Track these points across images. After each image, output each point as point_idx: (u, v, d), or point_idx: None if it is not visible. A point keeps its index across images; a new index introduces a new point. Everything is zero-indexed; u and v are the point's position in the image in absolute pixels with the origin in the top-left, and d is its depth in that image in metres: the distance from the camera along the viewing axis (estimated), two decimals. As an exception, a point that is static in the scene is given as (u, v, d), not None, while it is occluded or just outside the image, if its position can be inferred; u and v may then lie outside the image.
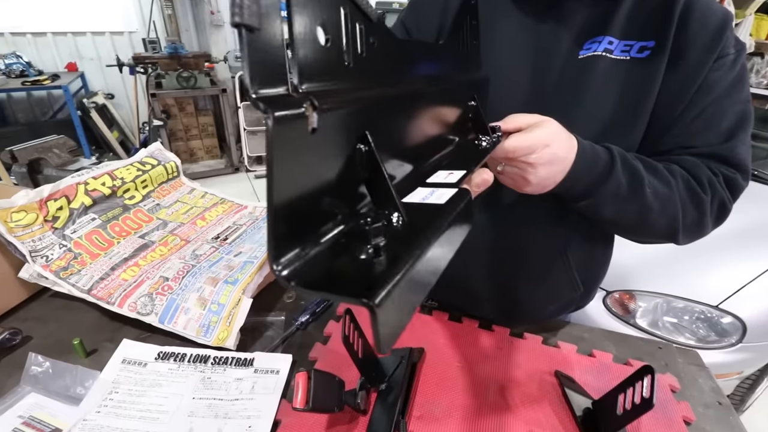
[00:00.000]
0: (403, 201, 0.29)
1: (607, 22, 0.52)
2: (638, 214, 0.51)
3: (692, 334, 1.32)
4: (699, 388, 0.62)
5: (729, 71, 0.51)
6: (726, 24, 0.50)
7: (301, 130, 0.20)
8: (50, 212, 0.71)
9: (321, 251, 0.22)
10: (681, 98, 0.52)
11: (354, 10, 0.24)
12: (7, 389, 0.57)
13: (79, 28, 3.26)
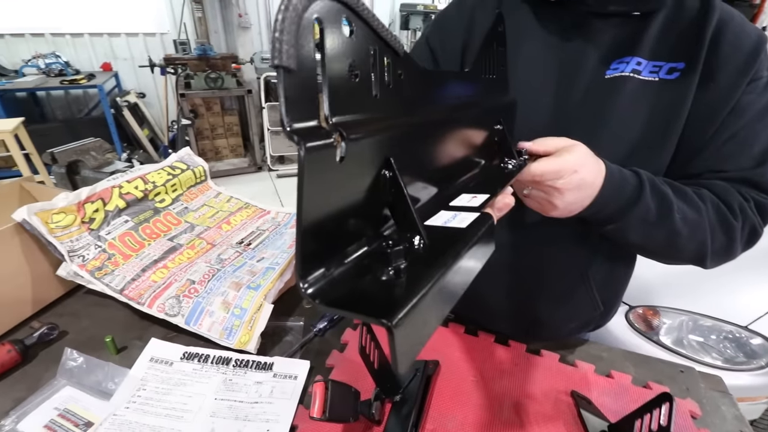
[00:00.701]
0: (426, 224, 0.30)
1: (636, 42, 0.51)
2: (666, 239, 0.51)
3: (719, 354, 1.27)
4: (721, 416, 0.60)
5: (762, 94, 0.50)
6: (760, 46, 0.49)
7: (330, 159, 0.21)
8: (87, 214, 0.75)
9: (345, 271, 0.24)
10: (712, 121, 0.51)
11: (383, 47, 0.26)
12: (44, 381, 0.60)
13: (115, 29, 3.39)
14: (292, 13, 0.18)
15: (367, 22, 0.23)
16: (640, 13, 0.50)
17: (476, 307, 0.69)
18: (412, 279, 0.23)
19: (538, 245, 0.61)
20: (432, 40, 0.64)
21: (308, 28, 0.19)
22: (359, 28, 0.23)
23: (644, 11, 0.50)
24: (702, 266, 0.55)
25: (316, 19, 0.19)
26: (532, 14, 0.56)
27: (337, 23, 0.21)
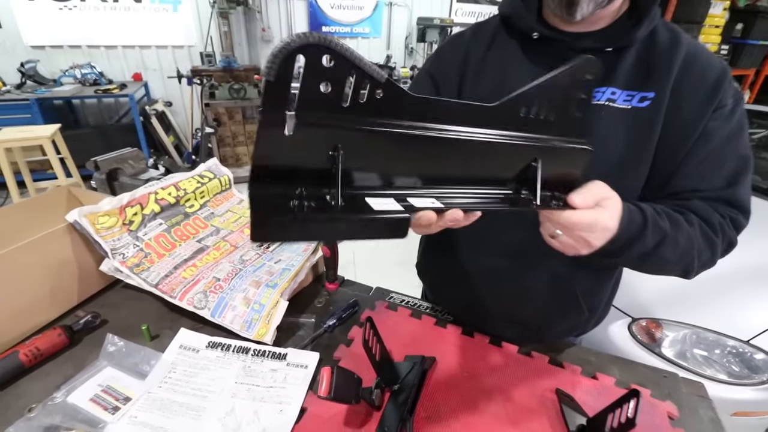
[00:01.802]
0: (367, 200, 0.39)
1: (610, 73, 0.57)
2: (656, 265, 0.56)
3: (723, 368, 1.29)
4: (698, 418, 0.65)
5: (727, 120, 0.55)
6: (723, 77, 0.55)
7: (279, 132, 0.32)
8: (127, 217, 0.85)
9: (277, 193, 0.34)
10: (682, 145, 0.56)
11: (361, 75, 0.34)
12: (89, 362, 0.69)
13: (146, 42, 3.60)
14: (285, 48, 0.28)
15: (345, 57, 0.32)
16: (613, 49, 0.57)
17: (473, 310, 0.76)
18: (305, 214, 0.35)
19: (529, 258, 0.67)
20: (433, 71, 0.71)
21: (292, 58, 0.29)
22: (338, 61, 0.31)
23: (617, 47, 0.57)
24: (685, 278, 0.60)
25: (299, 51, 0.29)
26: (519, 49, 0.63)
27: (318, 56, 0.30)
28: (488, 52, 0.65)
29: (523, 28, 0.61)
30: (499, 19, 0.66)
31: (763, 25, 4.88)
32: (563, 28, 0.60)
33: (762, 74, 5.39)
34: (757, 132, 2.98)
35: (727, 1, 4.49)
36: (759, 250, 1.59)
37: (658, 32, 0.57)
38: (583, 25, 0.58)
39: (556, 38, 0.59)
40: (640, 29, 0.55)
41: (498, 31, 0.66)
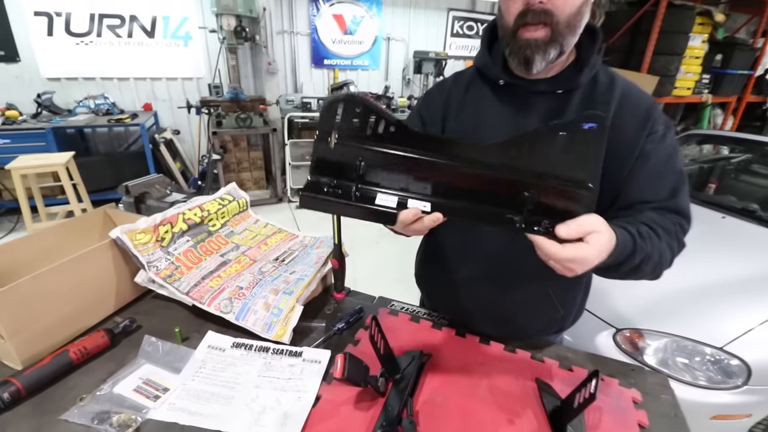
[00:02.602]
0: (378, 194, 0.59)
1: (562, 110, 0.72)
2: (635, 276, 0.68)
3: (702, 374, 1.38)
4: (659, 402, 0.75)
5: (661, 143, 0.69)
6: (652, 108, 0.70)
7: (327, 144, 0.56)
8: (160, 234, 0.96)
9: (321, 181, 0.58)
10: (624, 164, 0.70)
11: (378, 117, 0.54)
12: (128, 360, 0.79)
13: (157, 74, 3.81)
14: (334, 100, 0.52)
15: (368, 107, 0.54)
16: (563, 91, 0.71)
17: (463, 312, 0.87)
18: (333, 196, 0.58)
19: (508, 266, 0.79)
20: (422, 111, 0.86)
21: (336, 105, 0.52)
22: (364, 108, 0.53)
23: (566, 89, 0.71)
24: (654, 280, 0.72)
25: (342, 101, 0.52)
26: (490, 91, 0.77)
27: (352, 105, 0.53)
28: (466, 95, 0.80)
29: (492, 77, 0.77)
30: (474, 69, 0.81)
31: (741, 55, 5.19)
32: (523, 76, 0.74)
33: (743, 101, 5.67)
34: (735, 156, 3.16)
35: (705, 33, 4.80)
36: (731, 264, 1.71)
37: (599, 76, 0.72)
38: (539, 73, 0.72)
39: (518, 84, 0.74)
40: (582, 75, 0.70)
41: (473, 79, 0.81)
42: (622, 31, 4.62)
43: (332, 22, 4.27)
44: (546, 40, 0.65)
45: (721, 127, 5.69)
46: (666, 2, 4.18)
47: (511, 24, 0.67)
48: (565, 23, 0.65)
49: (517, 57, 0.69)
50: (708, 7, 4.92)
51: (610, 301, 1.58)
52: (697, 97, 5.12)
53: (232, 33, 3.26)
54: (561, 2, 0.63)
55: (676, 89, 4.83)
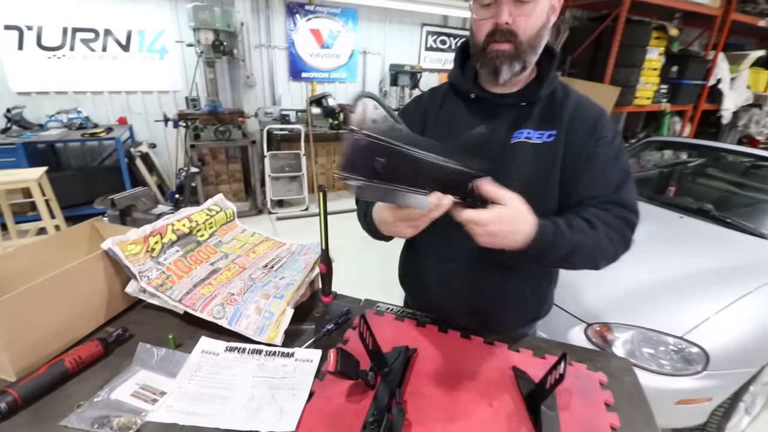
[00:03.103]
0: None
1: (526, 119, 0.81)
2: (571, 264, 0.76)
3: (666, 362, 1.49)
4: (623, 383, 0.83)
5: (608, 147, 0.79)
6: (600, 118, 0.79)
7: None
8: (150, 245, 0.99)
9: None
10: (576, 166, 0.79)
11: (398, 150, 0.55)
12: (123, 368, 0.81)
13: (132, 88, 3.77)
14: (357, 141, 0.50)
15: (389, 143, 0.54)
16: (526, 103, 0.81)
17: (443, 307, 0.93)
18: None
19: (482, 260, 0.86)
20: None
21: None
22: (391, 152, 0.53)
23: (528, 102, 0.81)
24: (595, 270, 0.80)
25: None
26: (463, 104, 0.86)
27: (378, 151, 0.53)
28: (441, 108, 0.89)
29: (464, 91, 0.86)
30: (449, 85, 0.90)
31: (695, 67, 5.57)
32: (492, 90, 0.84)
33: (699, 109, 6.06)
34: (692, 161, 3.39)
35: (661, 47, 5.14)
36: (688, 260, 1.85)
37: (557, 90, 0.82)
38: (505, 87, 0.82)
39: (487, 98, 0.83)
40: (542, 89, 0.80)
41: (447, 93, 0.90)
42: (586, 45, 4.90)
43: (309, 36, 4.35)
44: (511, 52, 0.75)
45: (680, 133, 6.06)
46: (624, 18, 4.47)
47: (482, 41, 0.77)
48: (527, 43, 0.75)
49: (487, 67, 0.78)
50: (663, 22, 5.29)
51: (581, 298, 1.68)
52: (657, 106, 5.46)
53: (210, 47, 3.28)
54: (523, 25, 0.73)
55: (637, 99, 5.13)
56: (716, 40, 5.58)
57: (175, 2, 3.62)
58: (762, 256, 1.87)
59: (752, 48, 6.77)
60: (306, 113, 4.05)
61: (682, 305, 1.58)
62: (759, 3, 6.28)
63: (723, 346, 1.45)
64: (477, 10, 0.76)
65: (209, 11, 3.14)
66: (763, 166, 2.87)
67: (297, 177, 4.06)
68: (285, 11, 4.14)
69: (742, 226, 2.12)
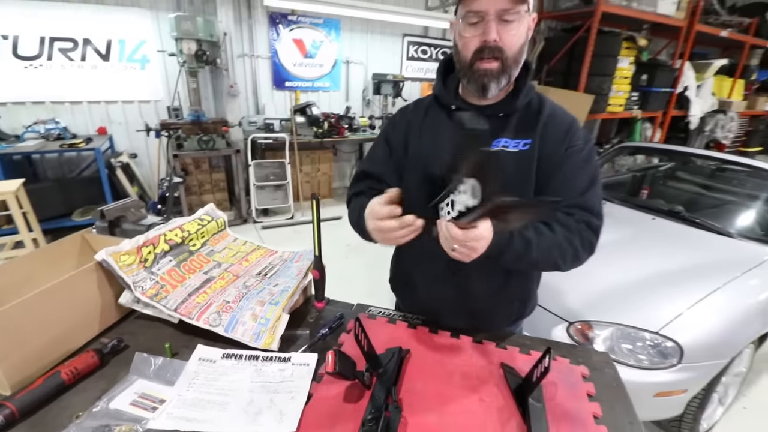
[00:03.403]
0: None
1: (503, 129, 0.86)
2: (529, 264, 0.81)
3: (644, 357, 1.56)
4: (604, 375, 0.88)
5: (578, 154, 0.84)
6: (571, 126, 0.85)
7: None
8: (143, 255, 1.00)
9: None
10: (550, 171, 0.84)
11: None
12: (120, 378, 0.82)
13: (112, 97, 3.72)
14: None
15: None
16: (503, 114, 0.86)
17: (434, 311, 0.97)
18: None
19: (468, 270, 0.89)
20: (387, 136, 0.99)
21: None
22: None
23: (506, 113, 0.86)
24: (560, 271, 0.86)
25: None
26: (445, 115, 0.91)
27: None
28: (425, 119, 0.94)
29: (447, 103, 0.91)
30: (433, 97, 0.95)
31: (663, 75, 5.85)
32: (473, 102, 0.89)
33: (668, 115, 6.35)
34: (663, 165, 3.55)
35: (631, 56, 5.38)
36: (661, 259, 1.95)
37: (532, 101, 0.88)
38: (485, 100, 0.87)
39: (468, 109, 0.88)
40: (518, 101, 0.85)
41: (431, 105, 0.95)
42: (560, 55, 5.09)
43: (292, 46, 4.38)
44: (498, 70, 0.80)
45: (651, 139, 6.32)
46: (596, 29, 4.67)
47: (469, 58, 0.81)
48: (512, 58, 0.80)
49: (475, 84, 0.83)
50: (632, 33, 5.54)
51: (563, 298, 1.75)
52: (629, 112, 5.69)
53: (193, 57, 3.28)
54: (509, 41, 0.79)
55: (609, 106, 5.34)
56: (682, 49, 5.88)
57: (156, 12, 3.60)
58: (728, 254, 1.99)
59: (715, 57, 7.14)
60: (290, 122, 4.07)
61: (656, 302, 1.67)
62: (720, 15, 6.66)
63: (696, 340, 1.53)
64: (464, 29, 0.81)
65: (192, 21, 3.14)
66: (728, 169, 3.04)
67: (282, 185, 4.06)
68: (268, 21, 4.17)
69: (710, 225, 2.24)
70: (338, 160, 5.10)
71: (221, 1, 3.58)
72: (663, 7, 5.14)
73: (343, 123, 4.30)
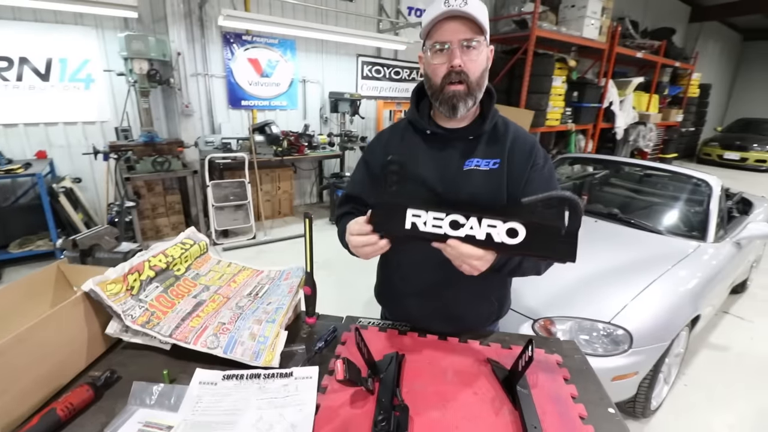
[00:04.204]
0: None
1: (474, 150, 0.97)
2: (521, 270, 0.93)
3: (600, 346, 1.74)
4: (574, 361, 1.00)
5: (540, 172, 0.97)
6: (534, 146, 0.98)
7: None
8: (129, 283, 0.98)
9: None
10: (517, 187, 0.96)
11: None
12: (118, 410, 0.80)
13: (53, 119, 3.47)
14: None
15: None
16: (473, 137, 0.97)
17: (421, 319, 1.05)
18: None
19: (451, 274, 0.96)
20: (366, 157, 1.07)
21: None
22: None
23: (474, 135, 0.97)
24: (538, 275, 0.98)
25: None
26: (421, 139, 1.01)
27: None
28: (401, 143, 1.03)
29: (421, 128, 1.00)
30: (407, 122, 1.05)
31: (592, 92, 6.49)
32: (445, 125, 0.99)
33: (597, 128, 7.02)
34: (598, 173, 3.94)
35: (564, 75, 5.93)
36: (606, 257, 2.17)
37: (498, 124, 1.00)
38: (456, 122, 0.97)
39: (440, 133, 0.99)
40: (486, 124, 0.97)
41: (406, 129, 1.04)
42: (501, 75, 5.52)
43: (248, 66, 4.36)
44: (465, 92, 0.91)
45: (584, 149, 6.95)
46: (532, 52, 5.12)
47: (439, 83, 0.92)
48: (476, 82, 0.91)
49: (446, 105, 0.93)
50: (563, 54, 6.13)
51: (526, 299, 1.90)
52: (564, 126, 6.24)
53: (145, 77, 3.17)
54: (472, 67, 0.90)
55: (548, 120, 5.84)
56: (606, 69, 6.59)
57: (102, 30, 3.45)
58: (660, 249, 2.27)
59: (633, 75, 8.05)
60: (248, 141, 4.02)
61: (606, 296, 1.86)
62: (635, 38, 7.57)
63: (642, 326, 1.73)
64: (432, 57, 0.92)
65: (143, 41, 3.06)
66: (654, 175, 3.45)
67: (242, 205, 3.98)
68: (222, 41, 4.13)
69: (643, 225, 2.54)
70: (298, 178, 5.09)
71: (173, 20, 3.51)
72: (587, 31, 5.75)
73: (302, 141, 4.32)
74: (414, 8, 5.45)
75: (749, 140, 9.79)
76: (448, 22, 0.88)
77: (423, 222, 0.76)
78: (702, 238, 2.39)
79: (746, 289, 3.46)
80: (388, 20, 5.14)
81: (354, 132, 4.87)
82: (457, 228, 0.76)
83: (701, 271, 2.14)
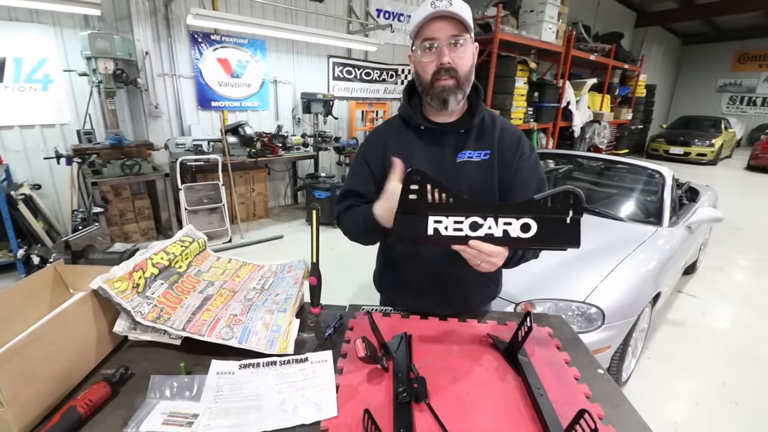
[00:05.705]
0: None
1: (465, 142, 1.04)
2: (525, 260, 1.02)
3: (575, 323, 1.87)
4: (563, 332, 1.10)
5: (528, 161, 1.05)
6: (520, 138, 1.06)
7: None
8: (135, 281, 0.98)
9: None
10: (508, 176, 1.04)
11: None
12: (138, 404, 0.81)
13: (7, 122, 3.25)
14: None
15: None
16: (463, 130, 1.04)
17: (424, 302, 1.12)
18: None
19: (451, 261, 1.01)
20: (365, 155, 1.11)
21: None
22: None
23: (464, 129, 1.04)
24: (534, 259, 1.07)
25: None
26: (415, 135, 1.07)
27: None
28: (397, 138, 1.08)
29: (414, 124, 1.06)
30: (400, 118, 1.11)
31: (551, 92, 6.84)
32: (437, 120, 1.06)
33: (557, 126, 7.40)
34: (561, 167, 4.17)
35: (525, 77, 6.22)
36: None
37: (485, 118, 1.07)
38: (447, 117, 1.04)
39: (433, 128, 1.05)
40: (474, 118, 1.04)
41: (400, 125, 1.10)
42: (471, 74, 5.70)
43: (217, 66, 4.27)
44: (455, 86, 0.98)
45: (546, 146, 7.32)
46: (496, 54, 5.35)
47: (429, 78, 0.98)
48: (464, 77, 0.98)
49: (437, 100, 0.99)
50: (524, 57, 6.42)
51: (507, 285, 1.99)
52: (527, 125, 6.55)
53: (111, 77, 3.04)
54: (460, 63, 0.97)
55: (512, 119, 6.11)
56: (563, 71, 6.97)
57: (60, 28, 3.27)
58: (622, 235, 2.46)
59: (587, 76, 8.56)
60: (221, 143, 3.94)
61: (579, 278, 2.01)
62: (588, 42, 8.05)
63: (612, 304, 1.89)
64: (422, 55, 0.98)
65: (108, 39, 2.93)
66: (612, 168, 3.71)
67: (217, 208, 3.90)
68: (189, 40, 4.02)
69: (606, 213, 2.74)
70: (272, 179, 5.03)
71: (137, 18, 3.39)
72: (546, 35, 6.07)
73: (276, 142, 4.28)
74: (382, 10, 5.53)
75: (691, 136, 10.65)
76: (436, 22, 0.94)
77: (444, 227, 0.81)
78: (658, 223, 2.61)
79: (696, 270, 3.79)
80: (358, 22, 5.19)
81: (328, 132, 4.88)
82: (477, 229, 0.81)
83: (659, 252, 2.35)
